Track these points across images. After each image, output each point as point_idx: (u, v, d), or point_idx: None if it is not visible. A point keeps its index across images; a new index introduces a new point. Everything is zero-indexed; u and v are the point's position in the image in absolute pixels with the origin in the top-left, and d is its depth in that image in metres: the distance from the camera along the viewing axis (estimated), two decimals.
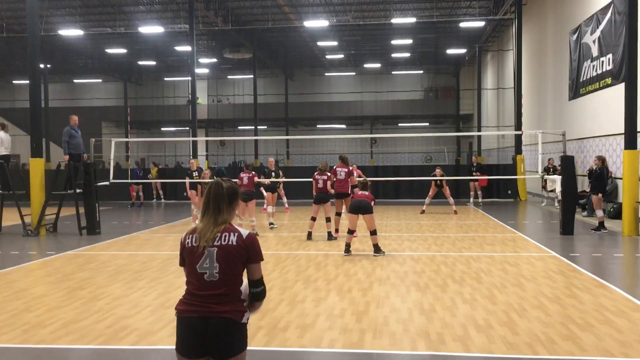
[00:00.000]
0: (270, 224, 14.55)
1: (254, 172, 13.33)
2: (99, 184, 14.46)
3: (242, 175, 13.14)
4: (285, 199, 18.80)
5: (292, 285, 7.97)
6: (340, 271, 8.93)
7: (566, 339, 5.54)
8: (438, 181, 17.87)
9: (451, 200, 17.72)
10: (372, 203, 10.38)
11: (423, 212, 17.79)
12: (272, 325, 6.07)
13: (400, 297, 7.27)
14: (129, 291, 7.73)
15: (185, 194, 15.46)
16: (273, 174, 15.68)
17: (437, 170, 18.05)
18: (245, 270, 3.30)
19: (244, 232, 3.30)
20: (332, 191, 12.55)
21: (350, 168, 12.91)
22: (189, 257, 3.28)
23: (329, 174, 12.63)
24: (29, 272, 9.32)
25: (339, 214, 12.55)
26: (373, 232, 10.30)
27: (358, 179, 12.41)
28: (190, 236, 3.29)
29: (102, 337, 5.77)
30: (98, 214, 13.93)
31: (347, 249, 10.40)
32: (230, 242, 3.22)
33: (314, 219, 12.51)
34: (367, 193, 10.54)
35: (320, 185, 12.48)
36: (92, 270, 9.26)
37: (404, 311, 6.62)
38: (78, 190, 14.05)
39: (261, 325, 6.09)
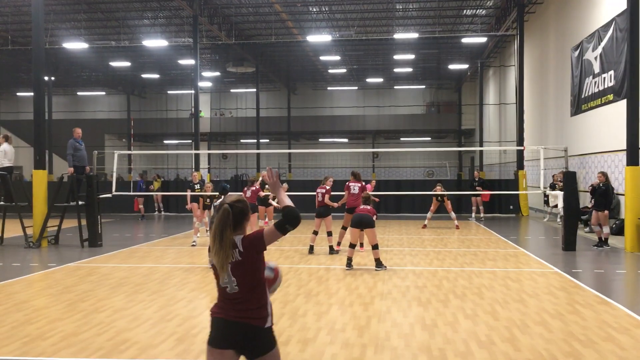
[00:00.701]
0: None
1: (257, 186, 13.33)
2: (101, 196, 14.49)
3: (245, 189, 13.18)
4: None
5: (293, 299, 7.95)
6: (341, 285, 8.91)
7: (568, 356, 5.51)
8: (439, 196, 17.87)
9: (453, 215, 17.70)
10: (375, 217, 10.39)
11: (425, 226, 17.77)
12: None
13: (402, 312, 7.24)
14: (130, 304, 7.72)
15: (186, 206, 15.44)
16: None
17: (438, 187, 18.04)
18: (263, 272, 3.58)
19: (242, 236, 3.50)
20: (335, 205, 12.52)
21: (363, 183, 12.89)
22: (214, 272, 3.57)
23: (327, 187, 12.63)
24: (30, 284, 9.31)
25: (344, 228, 12.57)
26: (375, 247, 10.29)
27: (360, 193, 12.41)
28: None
29: (102, 350, 5.76)
30: (100, 226, 13.93)
31: (349, 263, 10.39)
32: (238, 256, 3.43)
33: (315, 232, 12.50)
34: (369, 207, 10.56)
35: (320, 198, 12.49)
36: (93, 282, 9.24)
37: (406, 326, 6.59)
38: (80, 203, 14.07)
39: None
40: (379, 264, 10.28)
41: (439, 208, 18.19)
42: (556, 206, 18.38)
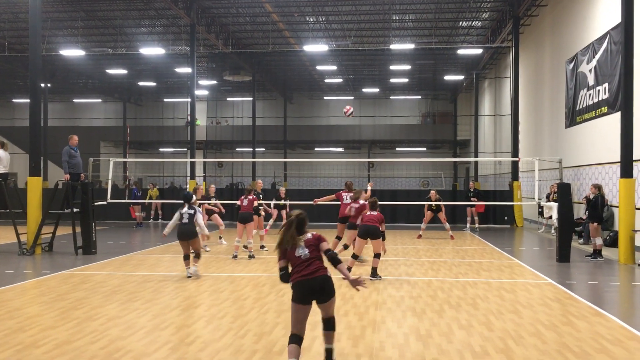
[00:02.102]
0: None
1: (254, 196, 13.31)
2: (96, 203, 14.46)
3: (242, 197, 13.14)
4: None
5: (288, 308, 7.89)
6: (336, 295, 8.88)
7: None
8: (434, 205, 17.88)
9: (447, 225, 17.74)
10: (383, 225, 10.34)
11: (420, 237, 17.78)
12: (268, 349, 6.04)
13: (397, 322, 7.24)
14: (124, 312, 7.69)
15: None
16: (261, 196, 15.89)
17: (432, 192, 18.09)
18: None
19: (312, 233, 5.50)
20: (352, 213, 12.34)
21: (361, 201, 12.82)
22: (282, 255, 5.39)
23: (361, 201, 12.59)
24: (23, 291, 9.27)
25: (338, 238, 12.64)
26: (377, 255, 10.29)
27: (364, 198, 12.46)
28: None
29: (96, 358, 5.73)
30: (94, 234, 13.89)
31: (377, 273, 10.40)
32: (308, 237, 5.43)
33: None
34: (376, 213, 10.45)
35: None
36: (87, 290, 9.21)
37: (400, 336, 6.59)
38: (75, 210, 14.03)
39: (257, 348, 6.07)
40: (374, 273, 10.28)
41: (434, 218, 18.21)
42: (551, 217, 18.43)
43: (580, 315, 7.67)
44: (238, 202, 13.25)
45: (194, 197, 10.96)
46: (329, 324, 5.33)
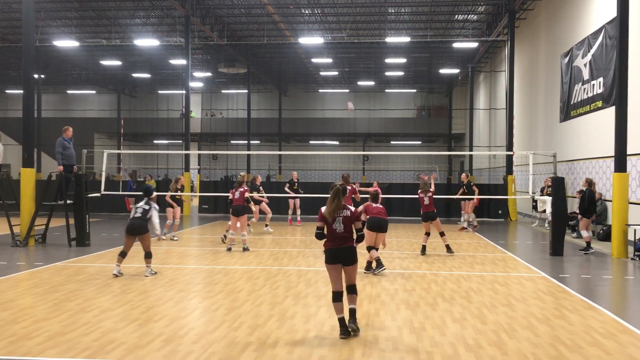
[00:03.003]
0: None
1: (246, 188, 13.30)
2: (89, 195, 14.40)
3: (233, 190, 13.10)
4: (298, 212, 19.11)
5: (282, 300, 7.94)
6: (330, 288, 8.88)
7: None
8: (465, 188, 18.17)
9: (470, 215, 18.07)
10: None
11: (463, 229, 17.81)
12: (262, 341, 6.04)
13: (390, 315, 7.25)
14: (117, 304, 7.67)
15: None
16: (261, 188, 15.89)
17: (463, 175, 18.33)
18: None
19: (352, 208, 6.58)
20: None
21: (352, 186, 13.03)
22: (327, 222, 6.43)
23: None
24: (16, 282, 9.23)
25: None
26: (376, 249, 10.25)
27: (365, 190, 12.53)
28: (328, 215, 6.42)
29: (88, 350, 5.72)
30: (88, 226, 13.85)
31: (372, 267, 10.23)
32: (348, 213, 6.45)
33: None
34: (381, 206, 10.46)
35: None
36: (80, 282, 9.18)
37: (394, 329, 6.61)
38: (68, 202, 13.98)
39: (251, 340, 6.06)
40: (369, 266, 10.28)
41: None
42: (544, 211, 18.49)
43: (573, 308, 7.70)
44: (230, 195, 13.19)
45: (154, 194, 10.17)
46: (351, 289, 6.48)
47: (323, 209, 6.44)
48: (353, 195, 12.95)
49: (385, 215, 10.37)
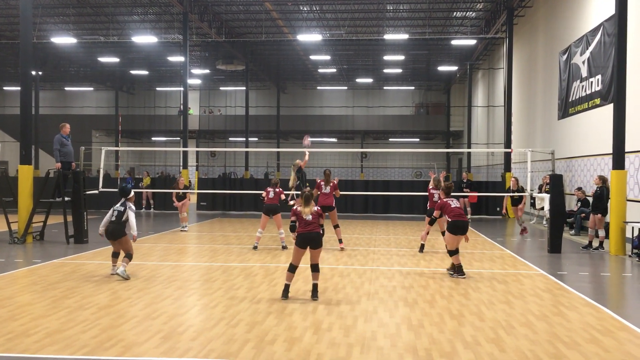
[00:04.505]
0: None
1: (280, 188, 13.16)
2: (87, 192, 14.38)
3: (268, 189, 12.95)
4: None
5: (280, 297, 7.94)
6: (328, 285, 8.91)
7: (553, 357, 5.56)
8: (516, 197, 16.57)
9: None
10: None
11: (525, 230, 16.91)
12: (260, 338, 6.04)
13: (389, 312, 7.26)
14: (115, 301, 7.67)
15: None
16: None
17: (513, 181, 17.27)
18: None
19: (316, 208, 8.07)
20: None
21: (334, 182, 13.08)
22: (298, 216, 7.97)
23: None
24: (14, 280, 9.22)
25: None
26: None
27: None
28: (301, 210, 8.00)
29: (87, 347, 5.71)
30: (86, 223, 13.83)
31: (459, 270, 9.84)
32: (314, 210, 7.98)
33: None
34: (459, 205, 9.94)
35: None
36: (78, 279, 9.17)
37: (392, 326, 6.61)
38: (66, 199, 13.95)
39: (249, 337, 6.06)
40: (454, 268, 9.87)
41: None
42: (542, 208, 18.49)
43: (571, 305, 7.72)
44: (263, 194, 12.94)
45: (132, 193, 9.68)
46: (314, 268, 7.97)
47: (298, 208, 8.02)
48: (334, 192, 12.97)
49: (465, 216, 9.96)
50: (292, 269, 7.94)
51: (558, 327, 6.62)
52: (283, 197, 12.82)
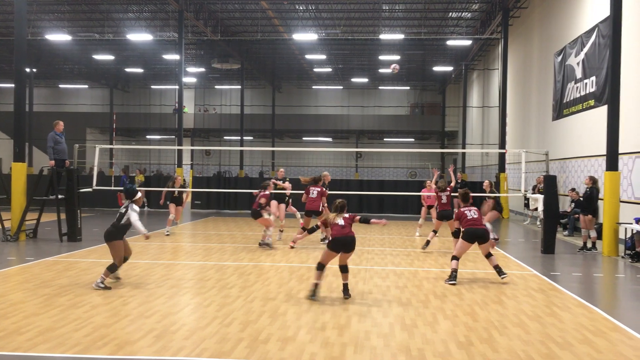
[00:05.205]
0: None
1: (323, 188, 13.06)
2: (81, 190, 14.33)
3: (311, 189, 12.91)
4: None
5: (274, 297, 7.94)
6: (322, 284, 8.90)
7: (545, 358, 5.58)
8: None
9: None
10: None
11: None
12: (254, 337, 6.04)
13: (382, 312, 7.27)
14: (109, 299, 7.64)
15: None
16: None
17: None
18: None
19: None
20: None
21: (323, 188, 12.99)
22: (326, 224, 8.15)
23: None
24: (6, 277, 9.18)
25: (303, 229, 12.65)
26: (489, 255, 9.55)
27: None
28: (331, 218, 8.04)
29: (79, 345, 5.69)
30: (79, 221, 13.78)
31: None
32: (346, 215, 8.04)
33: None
34: (477, 213, 9.52)
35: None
36: (71, 277, 9.14)
37: (386, 326, 6.62)
38: (60, 196, 13.90)
39: (242, 337, 6.06)
40: (500, 270, 9.62)
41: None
42: (536, 209, 18.55)
43: (564, 306, 7.74)
44: (305, 196, 12.96)
45: (138, 194, 8.88)
46: (344, 269, 8.01)
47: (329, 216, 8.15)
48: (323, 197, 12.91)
49: (484, 225, 9.71)
50: (321, 267, 7.91)
51: (551, 328, 6.64)
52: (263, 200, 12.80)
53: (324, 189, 13.09)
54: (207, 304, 7.53)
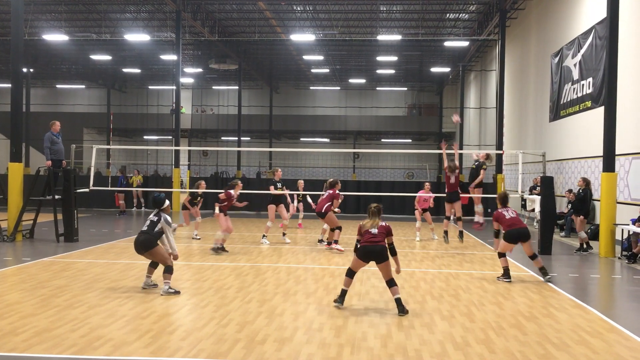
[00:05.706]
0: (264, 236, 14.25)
1: (336, 191, 13.04)
2: (78, 190, 14.31)
3: (327, 191, 12.90)
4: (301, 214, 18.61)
5: (271, 297, 7.93)
6: (319, 285, 8.91)
7: (542, 358, 5.58)
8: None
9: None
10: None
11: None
12: (250, 338, 6.03)
13: (379, 313, 7.27)
14: (105, 300, 7.63)
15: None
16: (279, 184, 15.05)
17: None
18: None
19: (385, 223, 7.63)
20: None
21: (332, 191, 12.94)
22: (361, 230, 7.54)
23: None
24: (3, 278, 9.15)
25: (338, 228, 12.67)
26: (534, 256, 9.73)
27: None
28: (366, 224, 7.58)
29: (75, 346, 5.68)
30: (76, 221, 13.75)
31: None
32: (381, 223, 7.56)
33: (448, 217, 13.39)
34: (515, 214, 9.59)
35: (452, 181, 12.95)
36: (68, 278, 9.12)
37: (383, 327, 6.62)
38: (57, 197, 13.87)
39: (239, 337, 6.05)
40: (544, 271, 9.74)
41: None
42: (533, 210, 18.58)
43: (561, 307, 7.75)
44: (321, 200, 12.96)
45: (167, 202, 8.47)
46: (390, 282, 7.44)
47: (362, 222, 7.64)
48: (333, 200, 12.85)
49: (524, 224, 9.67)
50: (351, 274, 7.59)
51: (547, 329, 6.65)
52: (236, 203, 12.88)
53: (338, 193, 13.03)
54: (204, 304, 7.52)
